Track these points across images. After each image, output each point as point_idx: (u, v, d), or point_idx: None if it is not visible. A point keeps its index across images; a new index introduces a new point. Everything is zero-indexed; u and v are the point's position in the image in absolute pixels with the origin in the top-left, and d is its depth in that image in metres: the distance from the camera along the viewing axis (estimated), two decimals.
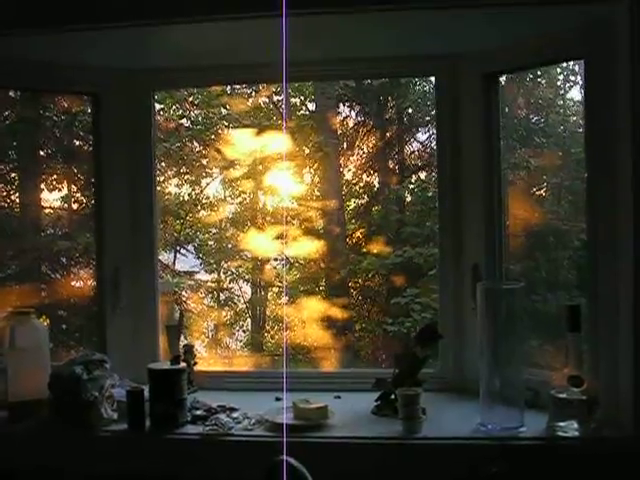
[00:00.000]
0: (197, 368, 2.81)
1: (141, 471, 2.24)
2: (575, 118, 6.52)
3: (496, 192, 2.66)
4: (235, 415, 2.40)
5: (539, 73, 6.56)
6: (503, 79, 2.75)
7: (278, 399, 2.62)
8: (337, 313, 6.68)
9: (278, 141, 7.02)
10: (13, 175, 6.15)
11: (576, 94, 6.76)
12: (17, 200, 6.25)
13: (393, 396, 2.41)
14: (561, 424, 2.18)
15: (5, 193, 6.14)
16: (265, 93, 7.34)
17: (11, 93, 5.48)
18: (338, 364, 6.77)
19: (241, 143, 6.97)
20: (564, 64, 6.55)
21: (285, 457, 1.84)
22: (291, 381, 2.65)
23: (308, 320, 6.85)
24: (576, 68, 6.62)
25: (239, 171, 7.35)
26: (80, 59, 2.69)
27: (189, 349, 2.78)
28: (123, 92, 2.84)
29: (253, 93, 7.40)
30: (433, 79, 2.86)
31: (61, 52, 2.60)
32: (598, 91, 2.28)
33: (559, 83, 6.82)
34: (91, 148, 3.12)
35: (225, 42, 2.51)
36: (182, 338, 3.02)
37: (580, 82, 6.64)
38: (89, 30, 2.33)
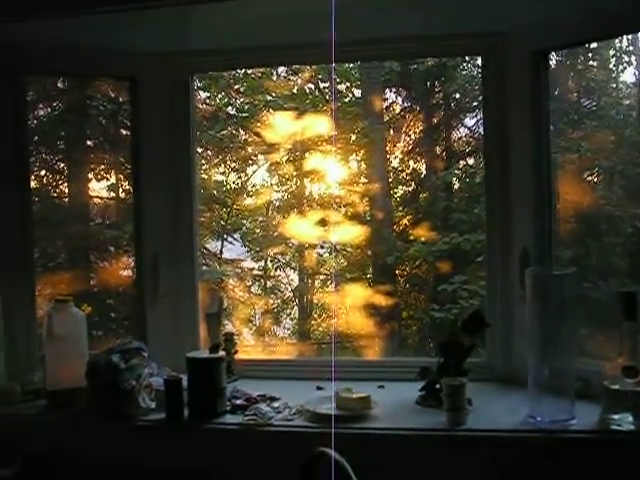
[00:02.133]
0: (238, 356, 2.77)
1: (179, 461, 2.22)
2: (629, 101, 6.37)
3: (545, 175, 2.55)
4: (276, 405, 2.36)
5: (590, 55, 6.42)
6: (553, 61, 2.64)
7: (320, 388, 2.57)
8: (384, 300, 6.62)
9: (323, 126, 6.98)
10: (62, 165, 6.21)
11: (630, 76, 6.62)
12: (66, 190, 6.32)
13: (438, 386, 2.34)
14: (615, 417, 2.09)
15: (54, 183, 6.21)
16: (309, 77, 7.29)
17: (59, 84, 5.53)
18: (383, 352, 6.72)
19: (286, 127, 6.94)
20: (617, 44, 6.41)
21: (324, 449, 1.79)
22: (334, 370, 2.61)
23: (355, 308, 6.81)
24: (630, 49, 6.48)
25: (284, 156, 7.33)
26: (118, 42, 2.66)
27: (230, 337, 2.75)
28: (162, 76, 2.80)
29: (299, 80, 7.35)
30: (480, 61, 2.76)
31: (99, 36, 2.57)
32: None
33: (611, 65, 6.66)
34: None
35: (267, 23, 2.45)
36: (225, 326, 2.98)
37: (634, 62, 6.49)
38: (126, 11, 2.29)
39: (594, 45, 6.08)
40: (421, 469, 2.11)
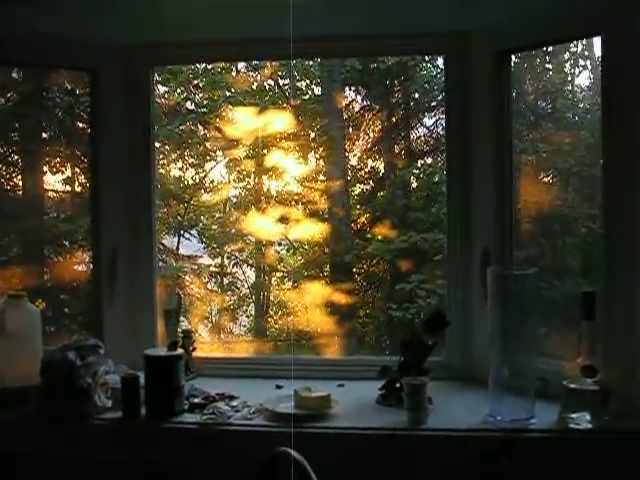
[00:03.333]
0: (196, 354, 2.74)
1: (136, 461, 2.18)
2: (584, 104, 6.47)
3: (507, 175, 2.57)
4: (234, 403, 2.34)
5: (547, 58, 6.51)
6: (512, 62, 2.66)
7: (279, 387, 2.56)
8: (341, 298, 6.62)
9: (283, 122, 6.96)
10: (16, 157, 6.12)
11: (584, 80, 6.72)
12: (19, 182, 6.22)
13: (398, 385, 2.33)
14: (573, 415, 2.10)
15: (8, 175, 6.11)
16: (270, 74, 7.26)
17: (14, 74, 5.44)
18: (342, 351, 6.72)
19: (245, 123, 6.91)
20: (572, 48, 6.50)
21: (285, 448, 1.77)
22: (293, 368, 2.59)
23: (312, 305, 6.81)
24: (586, 53, 6.57)
25: (242, 152, 7.30)
26: (78, 33, 2.60)
27: (187, 334, 2.71)
28: (121, 68, 2.76)
29: (258, 76, 7.32)
30: (440, 62, 2.77)
31: (59, 25, 2.51)
32: (617, 69, 2.19)
33: (567, 69, 6.76)
34: None
35: (228, 17, 2.43)
36: (181, 323, 2.94)
37: (589, 67, 6.61)
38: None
39: (550, 48, 6.16)
40: (382, 468, 2.10)
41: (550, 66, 6.70)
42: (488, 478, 2.03)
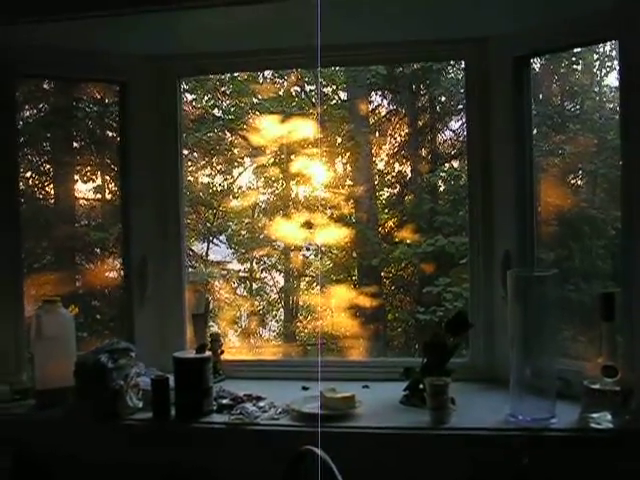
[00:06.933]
0: (224, 357, 2.80)
1: (166, 460, 2.24)
2: (611, 105, 6.43)
3: (528, 178, 2.60)
4: (261, 404, 2.38)
5: (574, 59, 6.48)
6: (537, 65, 2.68)
7: (305, 388, 2.60)
8: (369, 302, 6.64)
9: (309, 129, 7.01)
10: (47, 167, 6.21)
11: (613, 80, 6.67)
12: (51, 191, 6.32)
13: (421, 386, 2.37)
14: (594, 415, 2.12)
15: (40, 184, 6.20)
16: (295, 80, 7.31)
17: (45, 85, 5.54)
18: (369, 353, 6.74)
19: (272, 130, 6.96)
20: (600, 49, 6.47)
21: (310, 447, 1.82)
22: (320, 370, 2.63)
23: (340, 309, 6.83)
24: (613, 53, 6.54)
25: (270, 159, 7.35)
26: (107, 46, 2.68)
27: (216, 338, 2.78)
28: (150, 79, 2.82)
29: (285, 83, 7.38)
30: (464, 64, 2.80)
31: (88, 39, 2.58)
32: (634, 73, 2.21)
33: (595, 69, 6.72)
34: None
35: (255, 27, 2.48)
36: (210, 327, 3.00)
37: (617, 67, 6.55)
38: (117, 16, 2.32)
39: (577, 50, 6.13)
40: (405, 467, 2.13)
41: (577, 67, 6.67)
42: (509, 477, 2.06)
